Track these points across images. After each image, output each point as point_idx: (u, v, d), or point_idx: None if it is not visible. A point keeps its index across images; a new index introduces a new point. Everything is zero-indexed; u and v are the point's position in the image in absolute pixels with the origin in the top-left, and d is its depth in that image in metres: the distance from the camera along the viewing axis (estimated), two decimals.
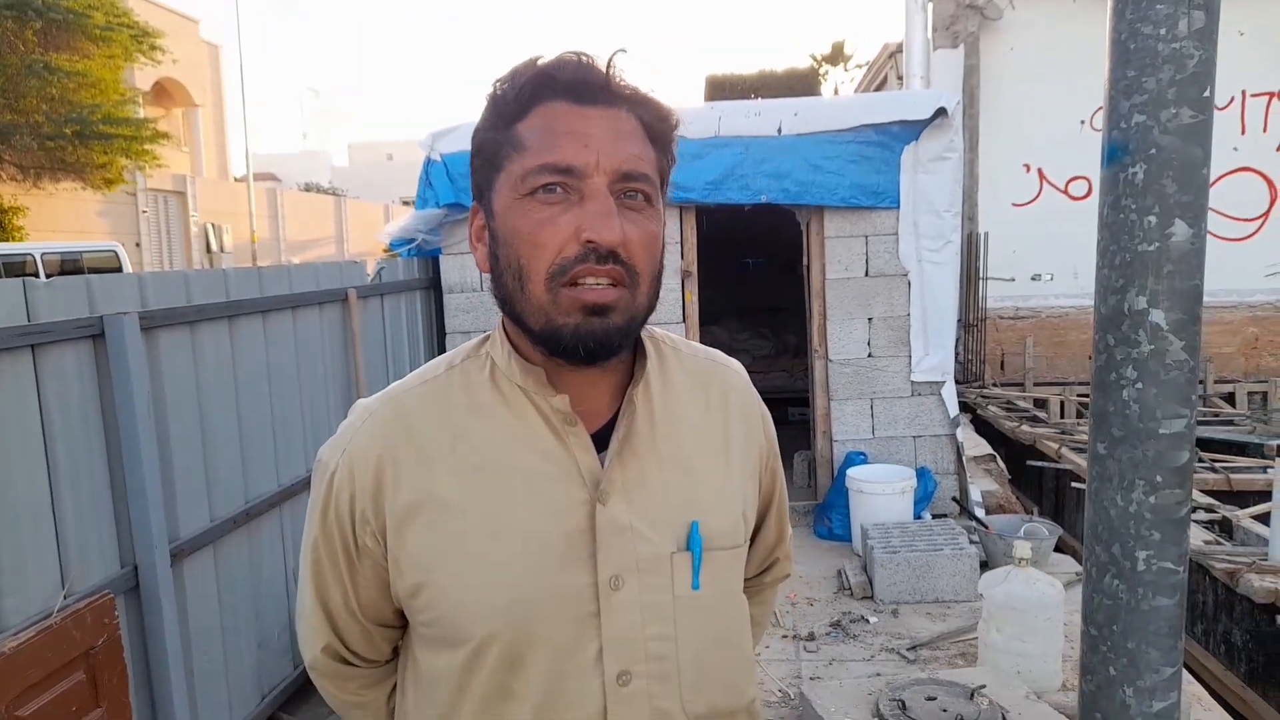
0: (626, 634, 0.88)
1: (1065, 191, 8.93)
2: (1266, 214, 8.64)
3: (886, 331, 4.80)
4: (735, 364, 1.08)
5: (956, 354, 8.23)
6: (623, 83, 0.88)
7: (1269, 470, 4.65)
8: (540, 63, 0.88)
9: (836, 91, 20.62)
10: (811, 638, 3.36)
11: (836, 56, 22.11)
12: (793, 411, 7.03)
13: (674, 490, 0.93)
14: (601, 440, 0.92)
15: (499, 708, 0.89)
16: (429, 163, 5.11)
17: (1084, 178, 8.86)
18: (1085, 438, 5.99)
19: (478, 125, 0.92)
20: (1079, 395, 7.47)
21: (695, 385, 1.00)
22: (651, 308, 0.90)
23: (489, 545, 0.88)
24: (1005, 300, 8.84)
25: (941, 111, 4.77)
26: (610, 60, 0.88)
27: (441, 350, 5.21)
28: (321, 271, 4.13)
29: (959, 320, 8.82)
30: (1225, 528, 4.27)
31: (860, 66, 19.28)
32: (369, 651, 1.01)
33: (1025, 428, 6.37)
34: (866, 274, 4.87)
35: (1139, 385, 0.99)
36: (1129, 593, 1.00)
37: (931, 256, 4.84)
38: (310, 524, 0.98)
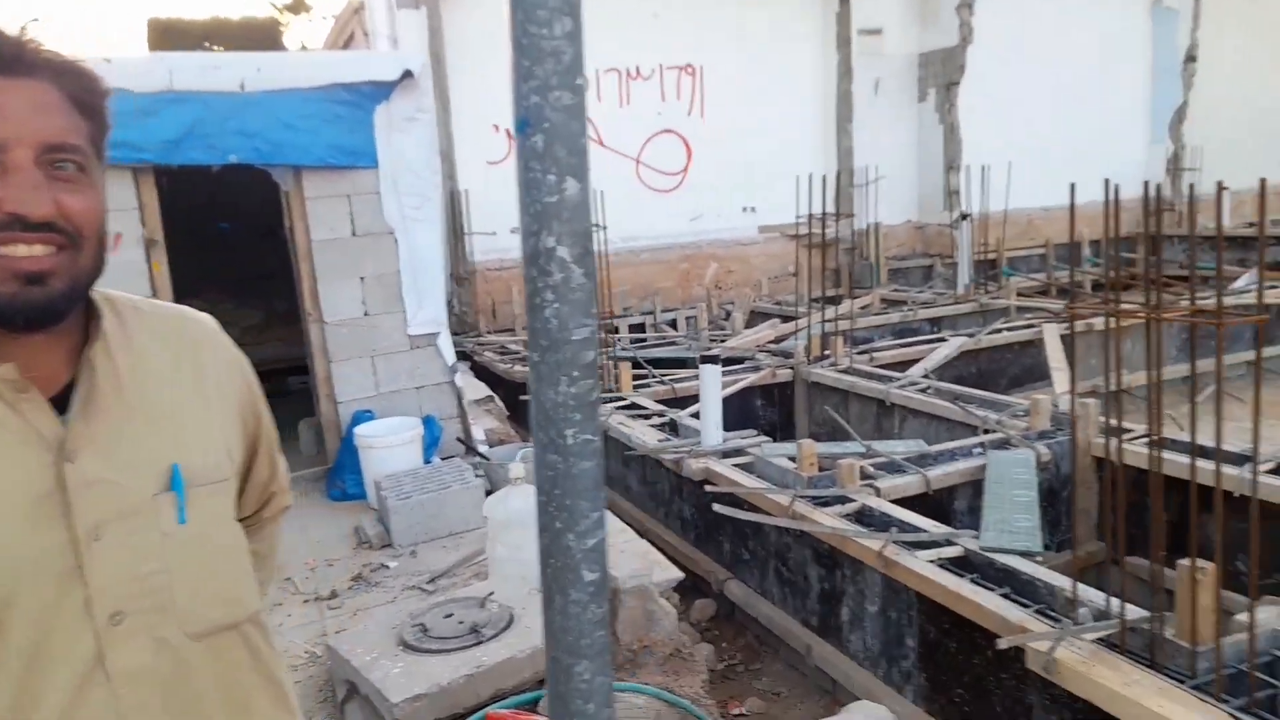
0: (116, 577, 0.94)
1: None
2: (685, 169, 10.48)
3: (379, 289, 4.94)
4: (205, 316, 1.15)
5: (451, 306, 8.69)
6: (40, 54, 0.89)
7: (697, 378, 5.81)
8: None
9: (304, 46, 19.79)
10: (334, 595, 3.45)
11: (299, 6, 21.15)
12: (293, 380, 6.84)
13: (149, 438, 0.99)
14: (64, 403, 0.94)
15: None
16: None
17: None
18: None
19: None
20: None
21: (162, 339, 1.06)
22: (98, 270, 0.95)
23: None
24: (491, 253, 9.53)
25: (408, 73, 4.97)
26: (24, 30, 0.88)
27: None
28: None
29: (450, 274, 9.30)
30: (673, 427, 5.25)
31: (326, 19, 18.74)
32: None
33: (518, 368, 7.04)
34: (353, 234, 4.93)
35: (556, 305, 1.29)
36: (564, 462, 1.30)
37: (414, 214, 5.07)
38: None
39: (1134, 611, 2.61)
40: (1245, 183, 13.32)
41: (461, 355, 7.22)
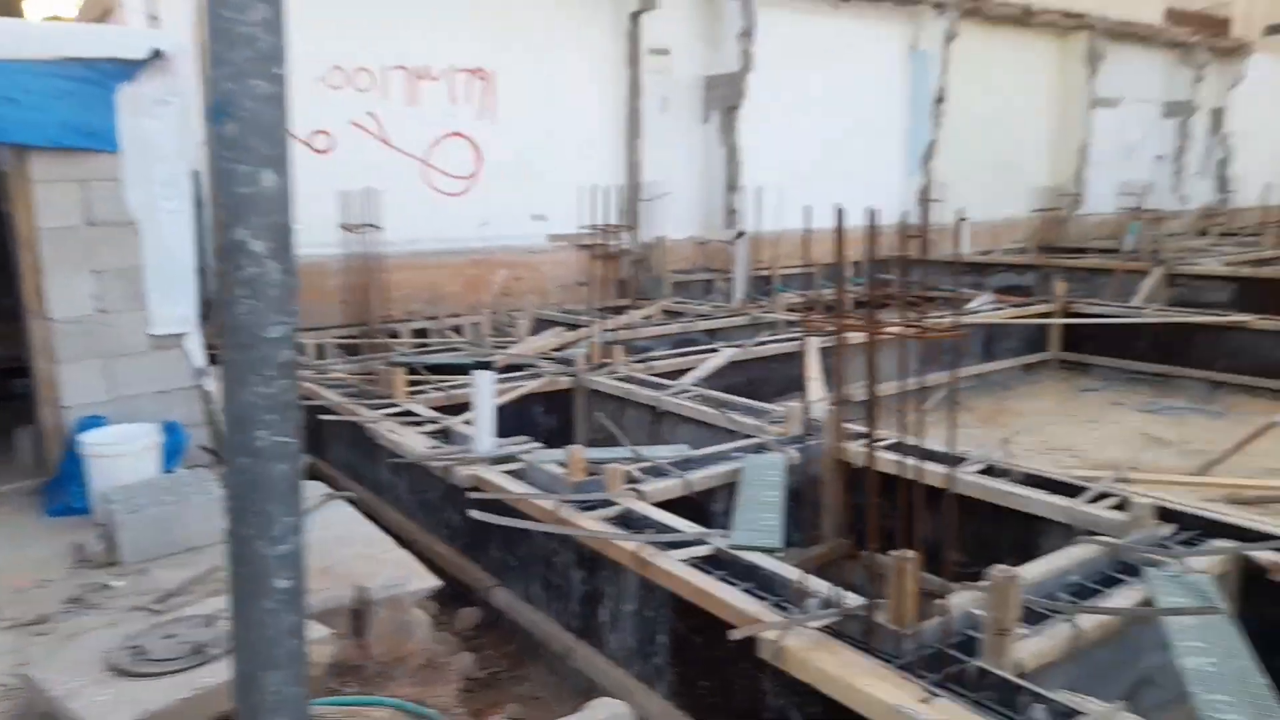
0: None
1: (308, 144, 9.38)
2: (475, 174, 10.36)
3: (118, 284, 4.52)
4: None
5: (216, 304, 8.09)
6: None
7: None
8: None
9: (59, 18, 17.78)
10: (43, 620, 3.09)
11: None
12: (17, 383, 6.09)
13: None
14: None
15: None
16: None
17: (324, 131, 9.43)
18: (338, 375, 6.55)
19: None
20: (336, 338, 8.07)
21: None
22: None
23: None
24: None
25: (159, 53, 4.59)
26: None
27: None
28: None
29: (217, 274, 8.66)
30: (446, 434, 5.16)
31: None
32: None
33: None
34: (90, 222, 4.48)
35: (249, 301, 1.24)
36: (256, 465, 1.25)
37: (164, 205, 4.69)
38: None
39: (856, 600, 2.85)
40: (982, 214, 14.95)
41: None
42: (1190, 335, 8.62)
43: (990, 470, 4.17)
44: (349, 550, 3.49)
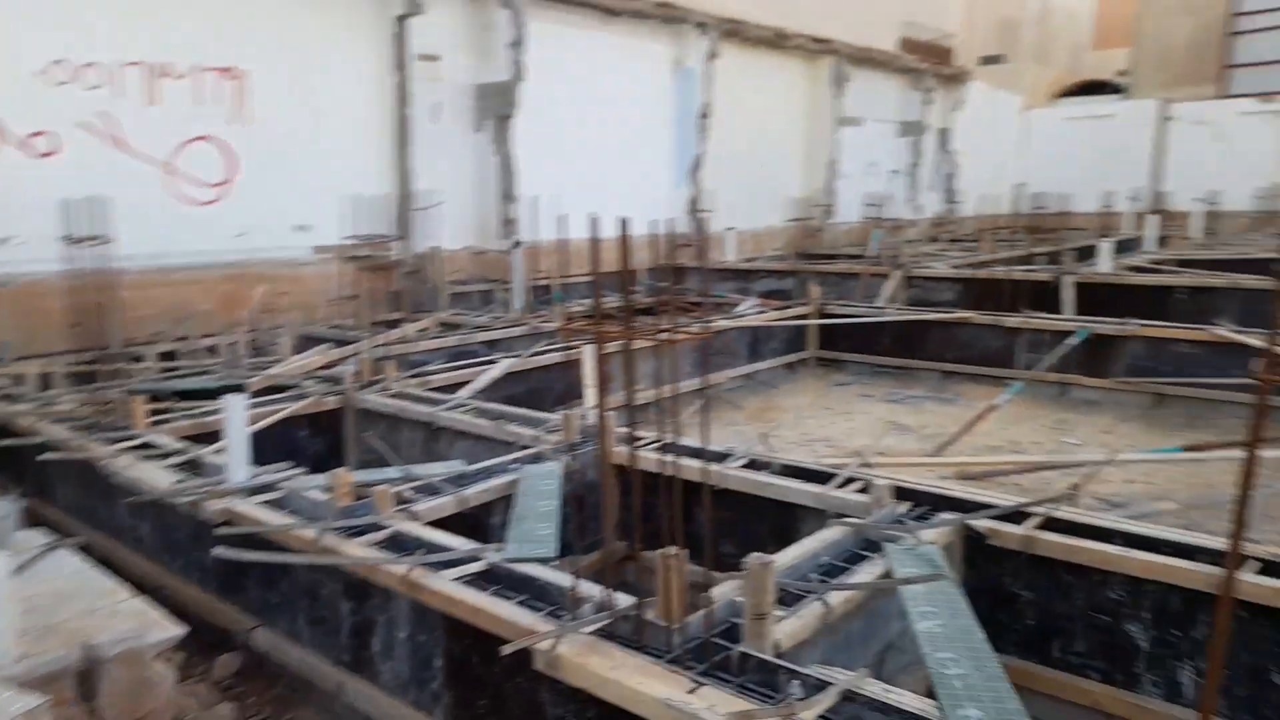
0: None
1: (26, 147, 8.34)
2: (228, 182, 9.64)
3: None
4: None
5: None
6: None
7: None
8: None
9: None
10: None
11: None
12: None
13: None
14: None
15: None
16: None
17: (45, 133, 8.43)
18: (66, 407, 5.85)
19: None
20: (65, 365, 7.20)
21: None
22: None
23: None
24: None
25: None
26: None
27: None
28: None
29: None
30: (196, 466, 4.74)
31: None
32: None
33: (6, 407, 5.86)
34: None
35: None
36: None
37: None
38: None
39: (628, 600, 2.90)
40: (746, 223, 15.82)
41: None
42: (925, 331, 9.57)
43: (753, 464, 4.40)
44: (76, 604, 3.10)
